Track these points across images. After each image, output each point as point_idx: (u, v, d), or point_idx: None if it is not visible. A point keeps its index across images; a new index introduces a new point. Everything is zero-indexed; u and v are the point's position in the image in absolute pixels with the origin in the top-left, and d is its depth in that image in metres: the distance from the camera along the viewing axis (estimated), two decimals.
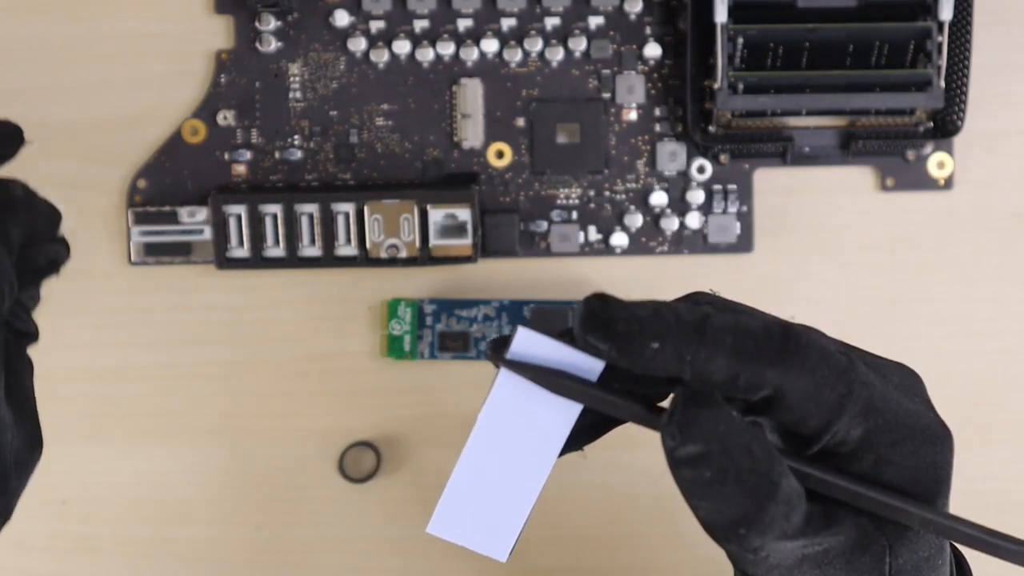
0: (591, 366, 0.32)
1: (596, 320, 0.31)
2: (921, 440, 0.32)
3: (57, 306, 0.56)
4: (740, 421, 0.31)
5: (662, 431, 0.31)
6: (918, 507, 0.32)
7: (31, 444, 0.39)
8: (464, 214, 0.53)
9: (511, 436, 0.33)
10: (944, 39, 0.50)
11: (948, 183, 0.55)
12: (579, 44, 0.54)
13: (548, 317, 0.54)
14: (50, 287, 0.56)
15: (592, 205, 0.55)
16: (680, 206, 0.55)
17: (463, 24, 0.54)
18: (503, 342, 0.32)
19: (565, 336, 0.32)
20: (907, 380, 0.34)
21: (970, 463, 0.54)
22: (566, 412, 0.32)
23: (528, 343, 0.32)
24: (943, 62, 0.51)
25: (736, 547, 0.31)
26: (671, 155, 0.55)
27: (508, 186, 0.55)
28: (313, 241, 0.54)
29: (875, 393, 0.32)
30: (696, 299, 0.33)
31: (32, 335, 0.41)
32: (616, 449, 0.55)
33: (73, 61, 0.55)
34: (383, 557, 0.56)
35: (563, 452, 0.33)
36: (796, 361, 0.31)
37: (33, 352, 0.56)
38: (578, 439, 0.33)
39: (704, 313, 0.31)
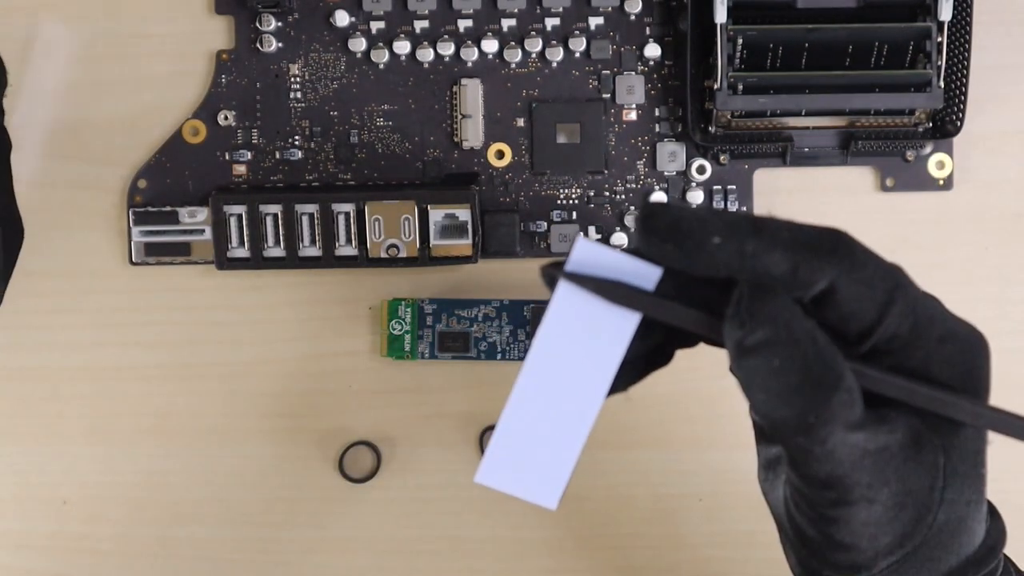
0: (648, 275, 0.32)
1: (658, 219, 0.32)
2: (964, 339, 0.34)
3: (57, 306, 0.56)
4: (802, 311, 0.31)
5: (728, 322, 0.31)
6: (969, 401, 0.33)
7: (17, 228, 0.38)
8: (464, 214, 0.53)
9: (566, 360, 0.33)
10: (944, 39, 0.50)
11: (948, 183, 0.55)
12: (579, 44, 0.54)
13: None
14: (50, 287, 0.56)
15: (592, 205, 0.55)
16: None
17: (463, 24, 0.55)
18: (557, 264, 0.32)
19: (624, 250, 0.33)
20: (935, 300, 0.35)
21: None
22: (623, 327, 0.33)
23: (587, 253, 0.32)
24: (943, 62, 0.51)
25: (804, 439, 0.32)
26: (671, 155, 0.55)
27: (508, 186, 0.55)
28: (313, 241, 0.54)
29: (918, 292, 0.33)
30: (740, 210, 0.34)
31: None
32: (616, 449, 0.55)
33: (73, 61, 0.55)
34: (383, 557, 0.56)
35: (610, 392, 0.33)
36: (849, 254, 0.32)
37: (33, 352, 0.56)
38: (626, 377, 0.34)
39: (757, 215, 0.32)
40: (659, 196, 0.55)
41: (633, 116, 0.55)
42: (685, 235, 0.31)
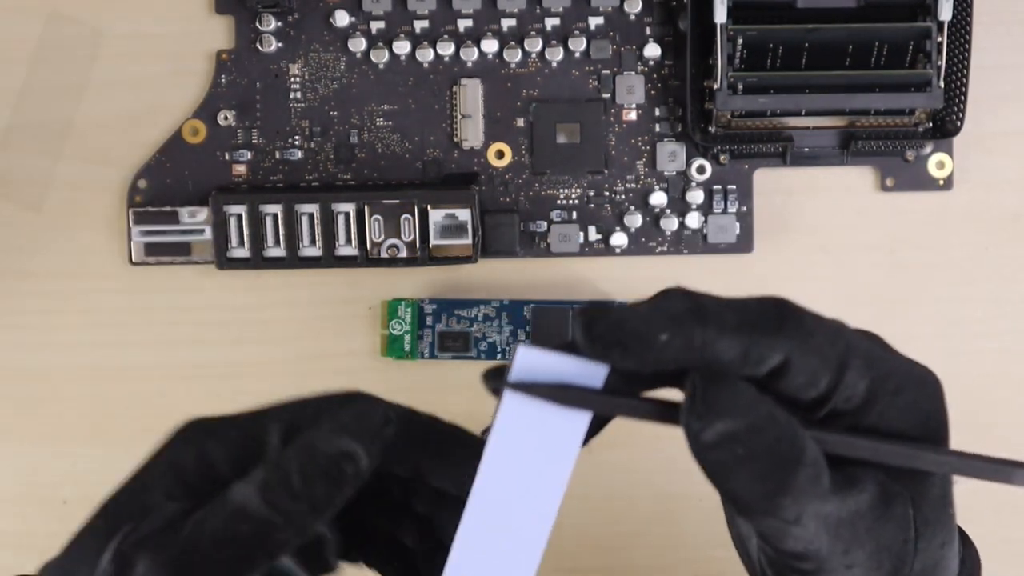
0: (593, 374, 0.32)
1: (600, 325, 0.31)
2: (918, 386, 0.33)
3: (57, 306, 0.56)
4: (757, 392, 0.31)
5: (685, 417, 0.31)
6: (932, 450, 0.33)
7: None
8: (464, 214, 0.53)
9: (520, 466, 0.32)
10: (944, 39, 0.50)
11: (948, 183, 0.55)
12: (579, 44, 0.54)
13: (548, 317, 0.54)
14: (50, 287, 0.56)
15: (592, 205, 0.55)
16: (680, 206, 0.55)
17: (463, 24, 0.55)
18: (499, 371, 0.32)
19: (564, 349, 0.32)
20: (878, 339, 0.34)
21: None
22: (575, 427, 0.32)
23: (530, 362, 0.32)
24: (943, 62, 0.51)
25: (774, 520, 0.31)
26: (671, 155, 0.55)
27: (508, 186, 0.55)
28: (313, 241, 0.54)
29: (867, 346, 0.33)
30: (670, 294, 0.33)
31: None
32: (616, 449, 0.55)
33: (73, 61, 0.55)
34: None
35: None
36: (797, 326, 0.31)
37: (33, 352, 0.56)
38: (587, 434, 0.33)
39: (695, 301, 0.32)
40: (660, 197, 0.55)
41: (633, 116, 0.55)
42: (630, 337, 0.31)
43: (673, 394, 0.32)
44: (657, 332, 0.31)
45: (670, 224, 0.55)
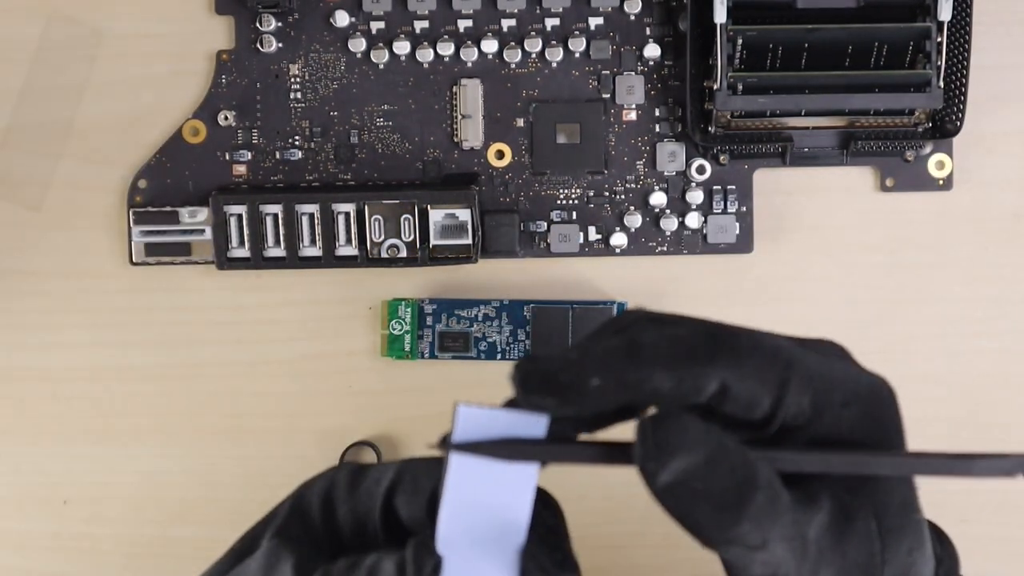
0: (536, 423, 0.32)
1: (532, 379, 0.31)
2: (867, 396, 0.33)
3: (57, 306, 0.56)
4: (703, 423, 0.31)
5: (640, 461, 0.31)
6: (887, 455, 0.32)
7: None
8: (464, 214, 0.53)
9: (476, 524, 0.32)
10: (943, 39, 0.50)
11: (947, 183, 0.55)
12: (579, 45, 0.54)
13: (548, 317, 0.54)
14: (50, 287, 0.56)
15: (592, 205, 0.55)
16: (680, 206, 0.55)
17: (463, 24, 0.55)
18: (447, 437, 0.32)
19: (506, 404, 0.32)
20: (833, 350, 0.34)
21: None
22: (525, 478, 0.32)
23: (471, 420, 0.32)
24: (942, 62, 0.51)
25: (739, 548, 0.32)
26: (671, 155, 0.55)
27: (508, 186, 0.55)
28: (313, 241, 0.54)
29: (810, 361, 0.33)
30: (621, 321, 0.33)
31: None
32: None
33: (73, 61, 0.55)
34: None
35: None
36: (731, 351, 0.31)
37: (34, 352, 0.56)
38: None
39: (629, 337, 0.32)
40: (660, 197, 0.55)
41: (633, 116, 0.55)
42: (563, 387, 0.31)
43: (623, 430, 0.33)
44: (587, 377, 0.31)
45: (670, 224, 0.55)
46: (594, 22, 0.54)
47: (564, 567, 0.33)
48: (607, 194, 0.55)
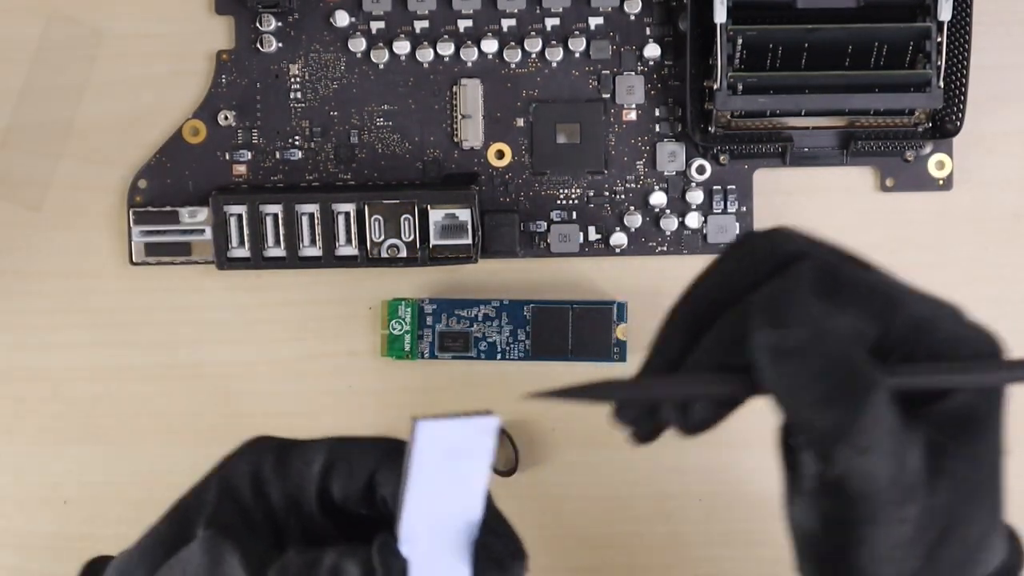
0: (486, 427, 0.33)
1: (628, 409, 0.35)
2: (974, 341, 0.34)
3: (57, 306, 0.56)
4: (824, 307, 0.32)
5: (759, 331, 0.31)
6: (1005, 360, 0.34)
7: None
8: (464, 214, 0.53)
9: (434, 520, 0.34)
10: (943, 39, 0.50)
11: (947, 183, 0.55)
12: (579, 44, 0.54)
13: (548, 317, 0.54)
14: (50, 287, 0.56)
15: (592, 205, 0.55)
16: (680, 206, 0.55)
17: (463, 24, 0.55)
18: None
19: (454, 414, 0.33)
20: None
21: None
22: (479, 474, 0.34)
23: (429, 430, 0.33)
24: (942, 62, 0.51)
25: (845, 447, 0.31)
26: (671, 155, 0.55)
27: (508, 186, 0.55)
28: (313, 241, 0.54)
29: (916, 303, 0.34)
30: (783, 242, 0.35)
31: None
32: (616, 449, 0.55)
33: (73, 61, 0.55)
34: None
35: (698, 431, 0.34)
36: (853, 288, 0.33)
37: (34, 352, 0.56)
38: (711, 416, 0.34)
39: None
40: (660, 197, 0.55)
41: (633, 116, 0.55)
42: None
43: None
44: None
45: (670, 224, 0.55)
46: (594, 22, 0.54)
47: (516, 556, 0.35)
48: (607, 194, 0.55)
